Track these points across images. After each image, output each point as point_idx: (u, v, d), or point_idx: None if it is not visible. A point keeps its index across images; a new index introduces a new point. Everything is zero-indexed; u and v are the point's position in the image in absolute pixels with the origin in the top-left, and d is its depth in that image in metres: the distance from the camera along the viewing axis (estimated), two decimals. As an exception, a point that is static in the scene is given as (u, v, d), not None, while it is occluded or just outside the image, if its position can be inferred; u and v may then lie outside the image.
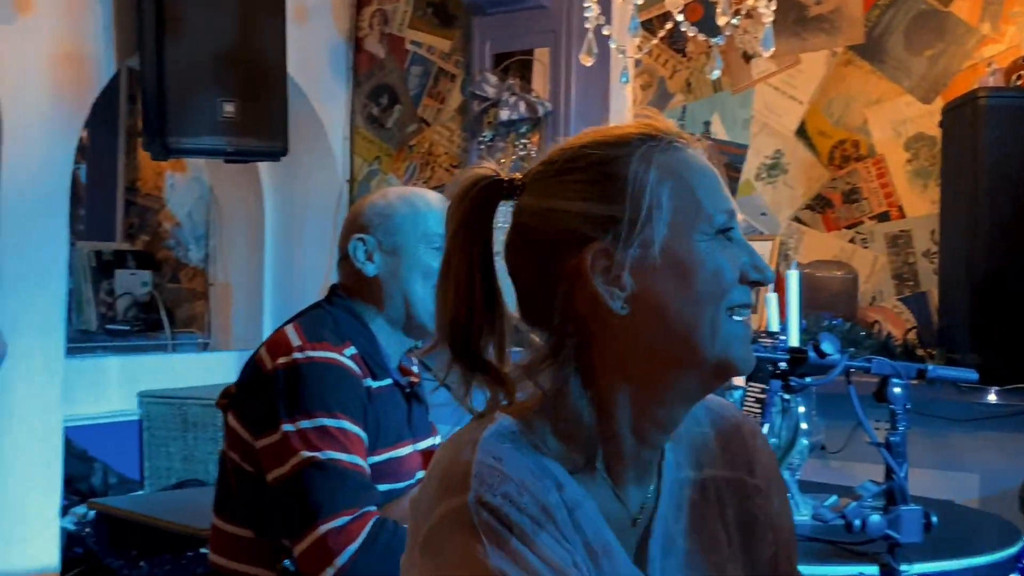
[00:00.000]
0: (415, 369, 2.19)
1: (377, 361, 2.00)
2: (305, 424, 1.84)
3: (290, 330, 1.97)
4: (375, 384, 1.98)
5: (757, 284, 1.09)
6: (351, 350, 1.95)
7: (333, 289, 2.09)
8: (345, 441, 1.84)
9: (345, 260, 2.06)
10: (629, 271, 1.05)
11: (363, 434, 1.88)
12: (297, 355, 1.89)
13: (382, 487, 1.93)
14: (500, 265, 1.11)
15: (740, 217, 1.11)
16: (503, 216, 1.12)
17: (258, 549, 1.92)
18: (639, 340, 1.06)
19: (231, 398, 2.00)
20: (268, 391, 1.90)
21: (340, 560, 1.75)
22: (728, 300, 1.07)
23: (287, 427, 1.85)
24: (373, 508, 1.82)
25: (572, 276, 1.06)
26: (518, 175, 1.12)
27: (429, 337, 2.12)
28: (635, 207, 1.05)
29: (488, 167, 1.12)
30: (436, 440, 2.17)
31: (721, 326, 1.06)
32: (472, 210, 1.10)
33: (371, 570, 1.76)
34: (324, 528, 1.77)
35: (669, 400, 1.09)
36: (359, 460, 1.85)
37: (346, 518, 1.78)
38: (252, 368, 1.97)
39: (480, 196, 1.10)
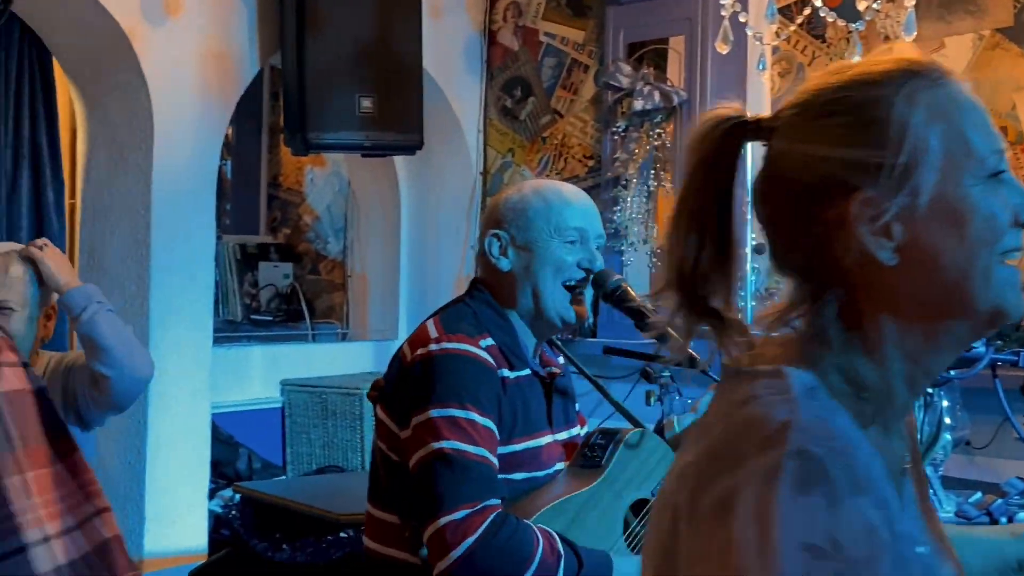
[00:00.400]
0: (560, 360, 2.21)
1: (516, 352, 2.03)
2: (435, 414, 1.88)
3: (431, 323, 2.01)
4: (512, 374, 2.00)
5: None
6: (488, 341, 1.98)
7: (474, 283, 2.13)
8: (473, 433, 1.87)
9: (483, 255, 2.10)
10: (898, 220, 0.99)
11: (492, 426, 1.91)
12: (433, 347, 1.94)
13: (519, 476, 1.97)
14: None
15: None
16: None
17: (404, 535, 1.97)
18: (909, 290, 1.01)
19: (380, 391, 2.05)
20: (407, 383, 1.96)
21: (456, 552, 1.78)
22: (1001, 245, 1.01)
23: (419, 417, 1.90)
24: (496, 502, 1.84)
25: (833, 225, 1.01)
26: (766, 115, 1.06)
27: (557, 334, 2.14)
28: (902, 152, 0.99)
29: (732, 107, 1.07)
30: (580, 431, 2.18)
31: (994, 273, 1.01)
32: (713, 151, 1.05)
33: (488, 564, 1.79)
34: (444, 520, 1.81)
35: (940, 349, 1.04)
36: (486, 452, 1.87)
37: (466, 511, 1.81)
38: (396, 361, 2.03)
39: (723, 137, 1.05)
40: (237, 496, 3.15)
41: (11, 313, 2.44)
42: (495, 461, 1.89)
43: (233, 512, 3.10)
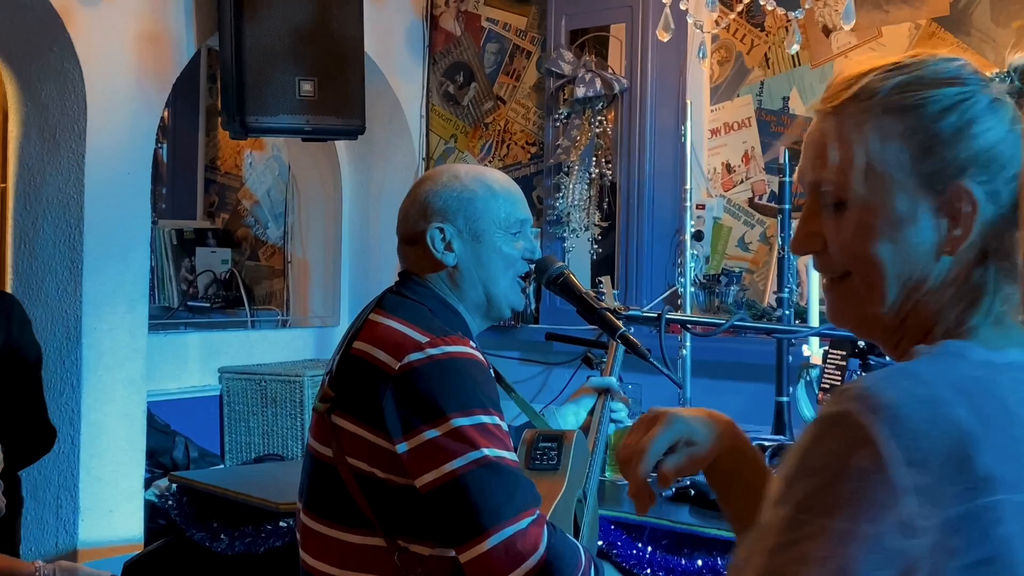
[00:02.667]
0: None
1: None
2: (463, 423, 1.75)
3: (400, 326, 1.85)
4: None
5: None
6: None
7: (405, 277, 2.00)
8: (504, 439, 1.77)
9: (416, 246, 1.97)
10: None
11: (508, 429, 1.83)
12: (432, 351, 1.80)
13: None
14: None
15: None
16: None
17: (393, 559, 1.81)
18: None
19: (336, 401, 1.87)
20: (407, 391, 1.79)
21: (530, 563, 1.69)
22: None
23: (436, 428, 1.76)
24: (539, 509, 1.76)
25: None
26: None
27: (501, 321, 2.10)
28: None
29: None
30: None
31: None
32: None
33: (557, 571, 1.71)
34: (509, 531, 1.70)
35: None
36: (516, 457, 1.80)
37: (528, 520, 1.71)
38: (365, 369, 1.83)
39: None
40: (174, 486, 3.11)
41: None
42: None
43: (170, 502, 3.05)
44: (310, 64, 4.23)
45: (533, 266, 2.03)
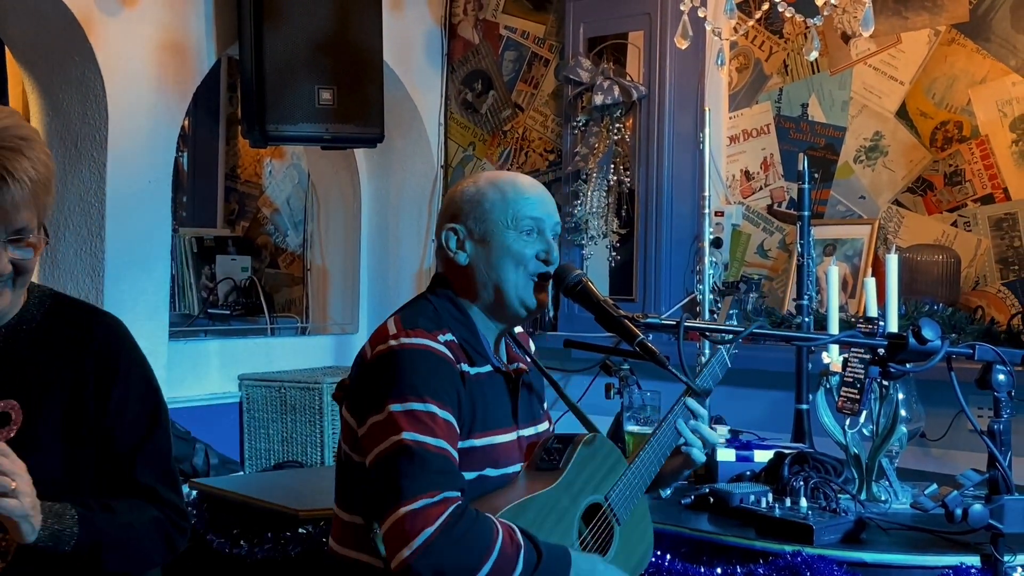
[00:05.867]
0: (527, 357, 2.20)
1: (476, 348, 2.02)
2: (396, 408, 1.86)
3: (391, 321, 2.00)
4: (473, 370, 1.99)
5: None
6: (447, 336, 1.96)
7: (435, 278, 2.12)
8: (433, 425, 1.85)
9: (441, 249, 2.08)
10: None
11: (452, 419, 1.89)
12: (392, 342, 1.92)
13: (470, 475, 1.93)
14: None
15: None
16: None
17: (369, 537, 1.94)
18: None
19: (345, 390, 2.04)
20: (367, 379, 1.94)
21: (416, 543, 1.75)
22: None
23: (377, 413, 1.88)
24: (455, 494, 1.82)
25: None
26: None
27: (520, 323, 2.12)
28: None
29: None
30: (543, 427, 2.15)
31: None
32: None
33: (447, 554, 1.76)
34: (403, 510, 1.77)
35: None
36: (445, 444, 1.86)
37: (424, 501, 1.78)
38: (358, 360, 2.01)
39: None
40: (194, 492, 3.12)
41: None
42: (455, 454, 1.88)
43: (190, 508, 3.07)
44: (329, 73, 4.25)
45: (550, 268, 2.04)
